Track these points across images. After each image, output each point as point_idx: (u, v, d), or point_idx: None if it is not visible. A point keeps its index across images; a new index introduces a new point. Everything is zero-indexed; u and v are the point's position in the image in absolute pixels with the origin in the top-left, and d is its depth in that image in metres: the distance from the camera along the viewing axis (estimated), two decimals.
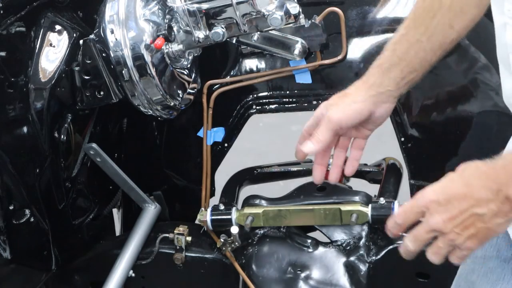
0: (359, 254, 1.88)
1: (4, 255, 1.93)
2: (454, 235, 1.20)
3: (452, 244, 1.22)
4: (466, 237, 1.20)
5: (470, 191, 1.19)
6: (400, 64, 1.44)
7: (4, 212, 1.87)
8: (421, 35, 1.41)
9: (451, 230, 1.20)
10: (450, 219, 1.20)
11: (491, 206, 1.17)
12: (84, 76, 1.83)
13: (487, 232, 1.19)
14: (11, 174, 1.83)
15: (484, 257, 1.37)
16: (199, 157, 2.01)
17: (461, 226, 1.19)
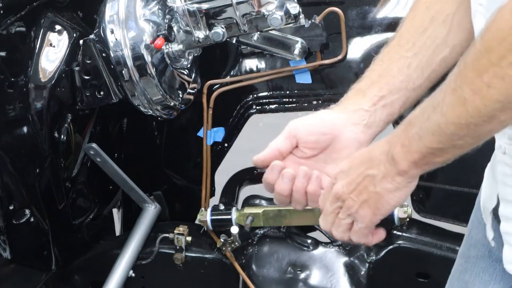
0: (359, 254, 1.88)
1: (4, 255, 1.93)
2: (350, 202, 1.18)
3: (349, 214, 1.19)
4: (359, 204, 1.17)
5: (369, 155, 1.17)
6: (380, 82, 1.31)
7: (4, 212, 1.87)
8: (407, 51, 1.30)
9: (348, 196, 1.18)
10: (348, 184, 1.18)
11: (381, 168, 1.14)
12: (84, 76, 1.83)
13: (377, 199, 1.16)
14: (11, 174, 1.83)
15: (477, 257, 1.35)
16: (199, 157, 2.01)
17: (356, 191, 1.17)
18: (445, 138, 1.07)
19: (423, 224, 1.91)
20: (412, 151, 1.11)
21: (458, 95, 1.02)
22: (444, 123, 1.05)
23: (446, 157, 1.10)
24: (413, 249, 1.87)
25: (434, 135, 1.07)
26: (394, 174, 1.14)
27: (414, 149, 1.10)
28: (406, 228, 1.88)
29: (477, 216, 1.36)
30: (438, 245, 1.87)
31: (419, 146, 1.10)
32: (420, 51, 1.31)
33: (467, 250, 1.37)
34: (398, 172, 1.14)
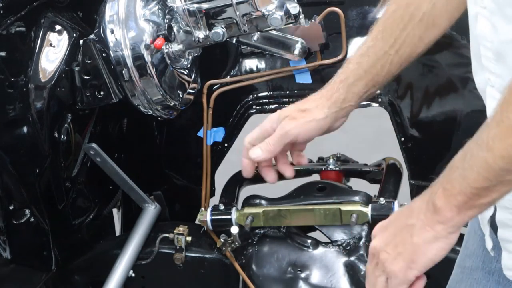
0: (359, 254, 1.88)
1: (4, 255, 1.93)
2: (385, 255, 1.14)
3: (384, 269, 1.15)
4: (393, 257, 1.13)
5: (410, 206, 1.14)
6: (365, 78, 1.40)
7: (4, 212, 1.87)
8: (390, 47, 1.36)
9: (383, 250, 1.14)
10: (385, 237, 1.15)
11: (421, 216, 1.10)
12: (84, 76, 1.83)
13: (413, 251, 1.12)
14: (11, 174, 1.83)
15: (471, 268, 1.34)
16: (199, 157, 2.01)
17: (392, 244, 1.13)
18: (492, 174, 1.02)
19: None
20: (455, 193, 1.06)
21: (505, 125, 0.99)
22: (491, 158, 1.01)
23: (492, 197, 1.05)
24: None
25: (479, 173, 1.03)
26: (435, 223, 1.09)
27: (457, 191, 1.06)
28: None
29: (473, 226, 1.35)
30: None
31: (462, 187, 1.05)
32: (400, 48, 1.36)
33: (463, 260, 1.37)
34: (439, 220, 1.09)
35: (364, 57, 1.40)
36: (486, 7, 1.11)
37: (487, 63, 1.14)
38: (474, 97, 1.85)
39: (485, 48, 1.13)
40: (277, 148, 1.47)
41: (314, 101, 1.46)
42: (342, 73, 1.44)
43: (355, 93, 1.41)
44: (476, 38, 1.16)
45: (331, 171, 2.03)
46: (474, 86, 1.86)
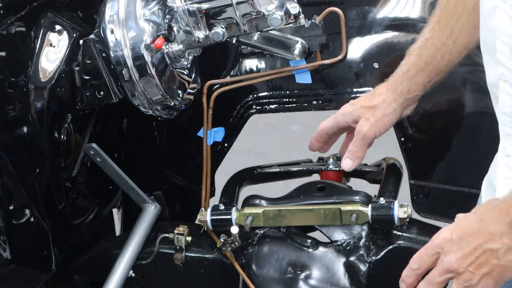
0: (359, 254, 1.88)
1: (4, 255, 1.93)
2: (469, 275, 1.16)
3: (467, 286, 1.18)
4: (480, 276, 1.15)
5: (483, 226, 1.15)
6: (426, 69, 1.46)
7: (4, 212, 1.87)
8: (447, 37, 1.42)
9: (465, 270, 1.16)
10: (464, 257, 1.16)
11: (504, 240, 1.13)
12: (84, 76, 1.83)
13: (502, 270, 1.15)
14: (11, 174, 1.83)
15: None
16: (199, 157, 2.01)
17: (475, 264, 1.15)
18: None
19: (423, 224, 1.91)
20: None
21: None
22: None
23: None
24: (413, 249, 1.86)
25: None
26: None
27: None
28: (406, 228, 1.88)
29: None
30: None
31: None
32: (458, 38, 1.42)
33: None
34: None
35: (423, 49, 1.46)
36: (506, 1, 1.12)
37: (502, 58, 1.15)
38: (474, 98, 1.85)
39: (501, 42, 1.14)
40: (363, 151, 1.59)
41: (381, 95, 1.54)
42: (404, 65, 1.51)
43: (419, 84, 1.49)
44: (491, 32, 1.16)
45: (331, 171, 2.03)
46: (475, 87, 1.87)
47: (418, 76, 1.47)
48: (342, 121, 1.62)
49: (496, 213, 1.14)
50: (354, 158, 1.59)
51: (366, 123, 1.54)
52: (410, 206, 1.88)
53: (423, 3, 1.90)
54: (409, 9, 1.90)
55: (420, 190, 1.92)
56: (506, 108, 1.17)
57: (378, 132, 1.56)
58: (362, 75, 1.90)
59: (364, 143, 1.56)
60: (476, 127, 1.85)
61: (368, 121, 1.54)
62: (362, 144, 1.56)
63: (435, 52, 1.44)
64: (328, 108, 1.96)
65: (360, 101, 1.62)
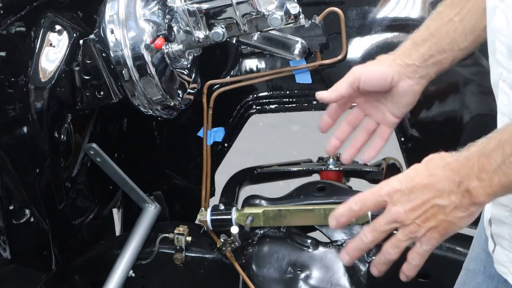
0: None
1: (4, 255, 1.93)
2: (415, 227, 1.19)
3: (412, 237, 1.20)
4: (426, 229, 1.18)
5: (433, 182, 1.17)
6: (430, 40, 1.42)
7: (4, 212, 1.87)
8: (455, 15, 1.39)
9: (412, 221, 1.19)
10: (412, 210, 1.18)
11: (452, 198, 1.15)
12: (84, 76, 1.83)
13: (448, 225, 1.18)
14: (11, 174, 1.83)
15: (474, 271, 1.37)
16: (199, 157, 2.01)
17: (422, 218, 1.18)
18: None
19: None
20: (493, 185, 1.12)
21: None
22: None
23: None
24: None
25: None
26: (469, 205, 1.15)
27: (496, 183, 1.11)
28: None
29: (479, 229, 1.36)
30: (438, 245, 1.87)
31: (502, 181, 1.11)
32: (465, 17, 1.39)
33: (468, 263, 1.39)
34: (473, 203, 1.15)
35: (432, 21, 1.43)
36: (504, 1, 1.12)
37: (500, 57, 1.15)
38: (475, 98, 1.85)
39: (499, 42, 1.15)
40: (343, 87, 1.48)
41: (387, 54, 1.49)
42: (413, 33, 1.47)
43: (420, 52, 1.44)
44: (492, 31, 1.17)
45: (331, 171, 2.03)
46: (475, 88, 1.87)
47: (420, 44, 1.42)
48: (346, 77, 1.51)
49: (447, 171, 1.17)
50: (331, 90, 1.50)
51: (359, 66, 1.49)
52: None
53: (423, 3, 1.90)
54: (409, 9, 1.91)
55: None
56: (504, 108, 1.18)
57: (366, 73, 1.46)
58: None
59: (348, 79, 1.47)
60: (476, 127, 1.85)
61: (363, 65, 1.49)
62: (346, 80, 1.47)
63: (441, 26, 1.41)
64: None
65: None
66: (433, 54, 1.43)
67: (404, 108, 1.49)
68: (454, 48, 1.42)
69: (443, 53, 1.43)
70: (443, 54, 1.43)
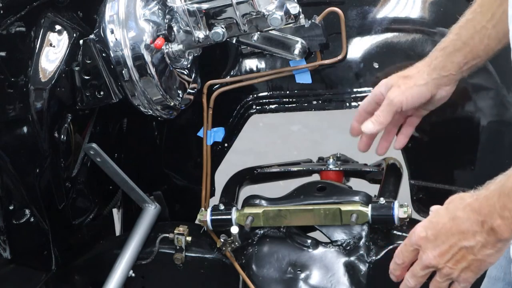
0: (359, 254, 1.88)
1: (4, 255, 1.93)
2: (448, 270, 1.22)
3: (448, 278, 1.24)
4: (460, 270, 1.22)
5: (456, 225, 1.20)
6: (464, 49, 1.44)
7: (4, 212, 1.87)
8: (487, 21, 1.40)
9: (444, 265, 1.22)
10: (441, 255, 1.22)
11: (478, 238, 1.18)
12: (84, 76, 1.83)
13: (479, 264, 1.21)
14: (11, 174, 1.83)
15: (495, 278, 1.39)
16: (199, 157, 2.01)
17: (453, 261, 1.21)
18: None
19: None
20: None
21: None
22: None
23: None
24: None
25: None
26: (495, 242, 1.18)
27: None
28: (406, 228, 1.88)
29: None
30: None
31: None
32: (498, 23, 1.40)
33: (490, 269, 1.40)
34: (499, 240, 1.17)
35: (463, 29, 1.44)
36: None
37: None
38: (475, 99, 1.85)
39: None
40: (387, 118, 1.53)
41: (417, 67, 1.52)
42: (443, 42, 1.49)
43: (455, 63, 1.46)
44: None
45: (331, 171, 2.03)
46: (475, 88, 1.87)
47: (454, 55, 1.45)
48: (378, 92, 1.57)
49: (468, 212, 1.19)
50: (375, 122, 1.54)
51: (396, 90, 1.51)
52: (410, 206, 1.88)
53: (423, 3, 1.90)
54: (409, 9, 1.90)
55: (420, 190, 1.92)
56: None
57: (406, 101, 1.51)
58: (362, 75, 1.90)
59: (390, 109, 1.51)
60: (476, 128, 1.85)
61: (398, 88, 1.51)
62: (388, 110, 1.51)
63: (474, 34, 1.42)
64: (328, 108, 1.97)
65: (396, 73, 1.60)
66: (468, 62, 1.46)
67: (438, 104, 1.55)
68: (488, 53, 1.44)
69: (478, 58, 1.45)
70: (477, 59, 1.46)
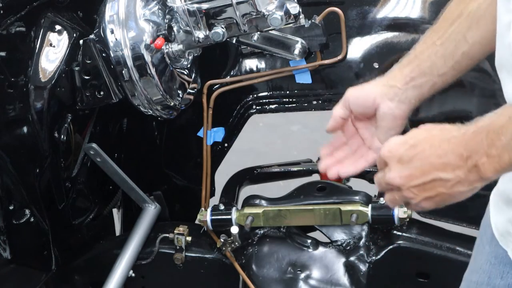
0: (359, 254, 1.88)
1: (4, 255, 1.93)
2: (410, 194, 1.18)
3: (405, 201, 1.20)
4: (422, 198, 1.18)
5: (437, 154, 1.15)
6: (413, 63, 1.42)
7: (4, 212, 1.87)
8: (437, 38, 1.39)
9: (407, 188, 1.18)
10: (409, 177, 1.17)
11: (457, 173, 1.14)
12: (84, 76, 1.83)
13: (446, 198, 1.17)
14: (11, 174, 1.83)
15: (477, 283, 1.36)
16: (199, 157, 2.01)
17: (419, 188, 1.17)
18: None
19: (423, 224, 1.91)
20: (502, 161, 1.10)
21: None
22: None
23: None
24: (413, 249, 1.87)
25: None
26: (474, 181, 1.14)
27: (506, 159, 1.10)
28: (406, 228, 1.88)
29: (482, 240, 1.36)
30: (438, 245, 1.87)
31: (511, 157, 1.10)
32: (445, 42, 1.38)
33: (469, 274, 1.39)
34: (480, 179, 1.13)
35: (419, 44, 1.43)
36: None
37: None
38: (474, 99, 1.85)
39: None
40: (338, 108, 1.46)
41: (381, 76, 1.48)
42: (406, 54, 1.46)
43: (403, 75, 1.42)
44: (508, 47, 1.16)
45: None
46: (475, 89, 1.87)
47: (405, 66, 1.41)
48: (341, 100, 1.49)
49: (453, 144, 1.14)
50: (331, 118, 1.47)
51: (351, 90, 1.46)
52: None
53: (423, 3, 1.90)
54: (409, 9, 1.90)
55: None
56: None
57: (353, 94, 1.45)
58: (362, 75, 1.90)
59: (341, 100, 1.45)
60: None
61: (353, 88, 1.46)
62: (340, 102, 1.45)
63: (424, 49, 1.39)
64: (328, 108, 1.96)
65: None
66: (414, 77, 1.41)
67: (386, 133, 1.45)
68: (433, 72, 1.40)
69: (423, 76, 1.41)
70: (423, 78, 1.41)
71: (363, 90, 1.45)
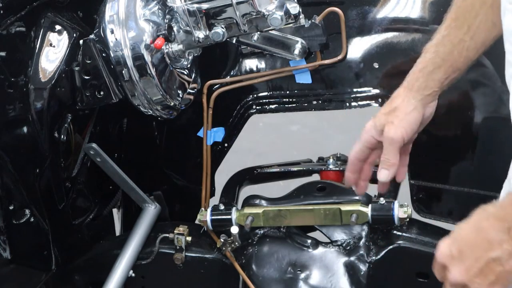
0: (359, 254, 1.88)
1: (4, 255, 1.93)
2: (476, 285, 1.17)
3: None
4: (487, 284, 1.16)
5: (480, 235, 1.15)
6: (444, 66, 1.44)
7: (4, 212, 1.87)
8: (464, 34, 1.40)
9: (471, 281, 1.17)
10: (467, 270, 1.17)
11: (504, 246, 1.13)
12: (84, 76, 1.83)
13: (507, 276, 1.16)
14: (11, 174, 1.83)
15: None
16: (199, 157, 2.01)
17: (480, 276, 1.16)
18: None
19: (423, 224, 1.91)
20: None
21: None
22: None
23: None
24: (413, 249, 1.87)
25: None
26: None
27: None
28: (406, 228, 1.88)
29: None
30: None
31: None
32: (475, 34, 1.40)
33: None
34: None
35: (440, 46, 1.44)
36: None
37: (510, 58, 1.15)
38: (475, 99, 1.85)
39: (509, 44, 1.15)
40: (396, 157, 1.50)
41: (399, 96, 1.50)
42: (420, 63, 1.48)
43: (436, 80, 1.46)
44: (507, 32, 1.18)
45: (331, 171, 2.03)
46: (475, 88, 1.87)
47: (435, 73, 1.44)
48: (368, 137, 1.52)
49: (492, 221, 1.14)
50: (388, 167, 1.50)
51: (391, 127, 1.47)
52: (410, 206, 1.88)
53: (423, 3, 1.90)
54: (409, 9, 1.90)
55: (420, 190, 1.92)
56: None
57: (406, 133, 1.48)
58: (362, 75, 1.90)
59: (394, 148, 1.47)
60: (476, 128, 1.85)
61: (392, 124, 1.48)
62: (392, 150, 1.47)
63: (452, 49, 1.42)
64: (328, 108, 1.97)
65: (380, 111, 1.54)
66: (449, 76, 1.46)
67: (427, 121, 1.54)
68: (468, 63, 1.45)
69: (458, 71, 1.45)
70: (457, 72, 1.46)
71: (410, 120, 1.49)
